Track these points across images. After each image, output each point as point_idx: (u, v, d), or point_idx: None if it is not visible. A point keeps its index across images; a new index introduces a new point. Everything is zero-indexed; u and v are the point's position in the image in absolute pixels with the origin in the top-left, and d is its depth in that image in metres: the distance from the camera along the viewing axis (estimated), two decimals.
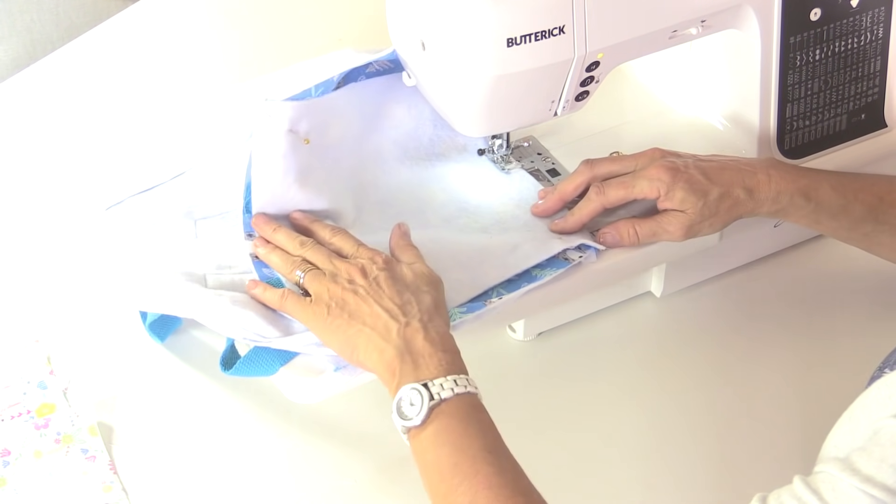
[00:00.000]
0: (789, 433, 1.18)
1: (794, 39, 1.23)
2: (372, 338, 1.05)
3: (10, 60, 1.65)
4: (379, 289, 1.07)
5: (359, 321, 1.06)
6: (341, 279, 1.09)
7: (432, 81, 1.18)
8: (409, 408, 1.01)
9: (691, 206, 1.15)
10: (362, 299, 1.07)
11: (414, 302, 1.07)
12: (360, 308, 1.07)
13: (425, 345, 1.03)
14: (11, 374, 1.18)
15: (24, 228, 1.32)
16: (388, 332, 1.05)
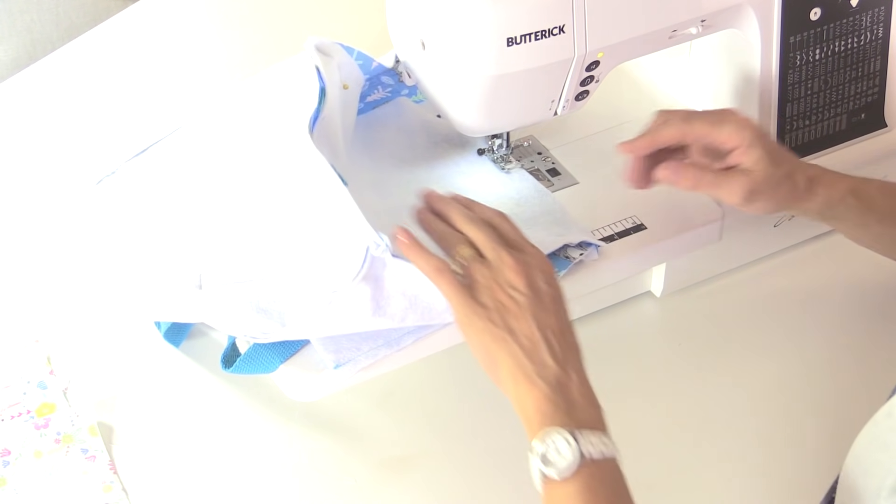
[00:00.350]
0: (789, 433, 1.18)
1: (794, 39, 1.23)
2: (523, 365, 1.00)
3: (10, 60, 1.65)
4: (543, 308, 1.02)
5: (514, 339, 1.01)
6: (502, 279, 1.03)
7: (432, 81, 1.18)
8: (555, 455, 0.94)
9: (762, 169, 1.11)
10: (522, 314, 1.01)
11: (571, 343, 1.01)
12: (520, 324, 1.01)
13: (579, 396, 0.98)
14: (11, 374, 1.18)
15: (24, 228, 1.32)
16: (543, 366, 0.99)
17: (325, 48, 1.17)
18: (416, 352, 1.13)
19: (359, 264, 1.06)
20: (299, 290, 1.10)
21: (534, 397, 0.98)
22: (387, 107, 1.29)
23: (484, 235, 1.07)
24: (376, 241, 1.06)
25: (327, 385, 1.11)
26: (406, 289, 1.08)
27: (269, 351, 1.12)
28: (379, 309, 1.08)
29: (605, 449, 0.96)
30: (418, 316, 1.09)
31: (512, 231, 1.09)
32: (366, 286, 1.07)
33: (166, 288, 1.15)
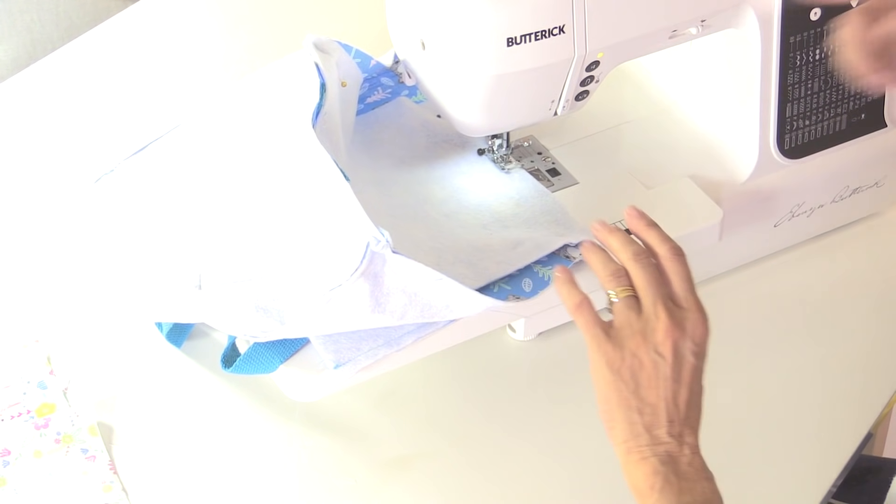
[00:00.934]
0: (790, 432, 1.18)
1: (794, 39, 1.23)
2: (638, 435, 0.97)
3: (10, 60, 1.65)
4: (678, 379, 0.98)
5: (637, 406, 0.98)
6: (650, 335, 0.98)
7: (432, 81, 1.18)
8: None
9: None
10: (655, 381, 0.98)
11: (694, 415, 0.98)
12: (648, 391, 0.98)
13: (691, 470, 0.97)
14: (11, 374, 1.18)
15: (24, 228, 1.32)
16: (657, 441, 0.97)
17: (324, 46, 1.17)
18: (416, 352, 1.13)
19: (358, 260, 1.06)
20: (298, 287, 1.10)
21: (643, 472, 0.97)
22: (387, 107, 1.29)
23: (646, 280, 1.01)
24: (376, 237, 1.06)
25: (327, 385, 1.11)
26: (406, 286, 1.08)
27: (269, 351, 1.12)
28: (378, 306, 1.08)
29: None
30: (418, 313, 1.09)
31: (682, 280, 1.02)
32: (365, 282, 1.07)
33: (166, 288, 1.15)
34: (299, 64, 1.17)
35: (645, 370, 0.98)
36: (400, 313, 1.09)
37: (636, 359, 0.99)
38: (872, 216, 1.36)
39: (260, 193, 1.17)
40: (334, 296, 1.07)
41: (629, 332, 0.99)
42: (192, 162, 1.22)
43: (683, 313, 1.00)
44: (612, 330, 1.00)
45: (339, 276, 1.07)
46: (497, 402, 1.19)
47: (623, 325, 1.00)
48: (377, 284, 1.08)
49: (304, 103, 1.14)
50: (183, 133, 1.24)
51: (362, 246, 1.07)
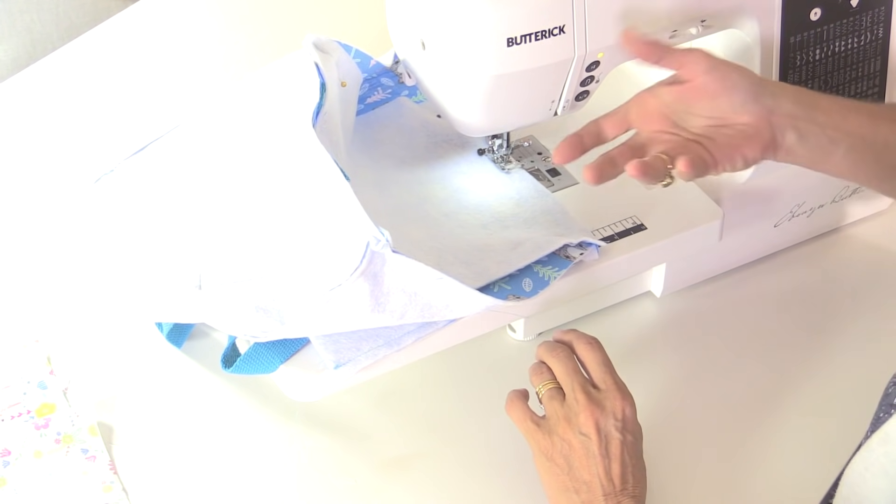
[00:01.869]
0: (790, 433, 1.18)
1: (794, 39, 1.23)
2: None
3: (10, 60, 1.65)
4: (607, 455, 1.04)
5: (573, 480, 1.04)
6: (573, 419, 1.05)
7: (432, 81, 1.18)
8: None
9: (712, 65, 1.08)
10: (585, 459, 1.04)
11: (631, 483, 1.04)
12: (581, 471, 1.04)
13: None
14: (11, 374, 1.18)
15: (24, 228, 1.32)
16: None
17: (323, 45, 1.17)
18: (416, 352, 1.13)
19: (358, 259, 1.06)
20: (298, 287, 1.10)
21: None
22: (387, 107, 1.29)
23: (564, 370, 1.08)
24: (377, 237, 1.06)
25: (327, 385, 1.11)
26: (405, 285, 1.08)
27: (269, 351, 1.12)
28: (378, 305, 1.08)
29: None
30: (418, 313, 1.09)
31: (598, 364, 1.09)
32: (364, 282, 1.07)
33: (166, 288, 1.15)
34: (299, 64, 1.17)
35: (575, 451, 1.04)
36: (400, 313, 1.09)
37: (565, 443, 1.05)
38: (872, 216, 1.36)
39: (260, 193, 1.17)
40: (334, 296, 1.07)
41: (555, 420, 1.06)
42: (192, 162, 1.22)
43: (602, 394, 1.07)
44: (543, 420, 1.07)
45: (339, 275, 1.07)
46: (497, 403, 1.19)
47: (550, 414, 1.07)
48: (377, 284, 1.08)
49: (304, 103, 1.14)
50: (183, 133, 1.24)
51: (362, 245, 1.07)
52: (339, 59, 1.18)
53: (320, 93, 1.14)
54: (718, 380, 1.22)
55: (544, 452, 1.06)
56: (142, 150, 1.25)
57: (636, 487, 1.04)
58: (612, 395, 1.07)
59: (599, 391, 1.07)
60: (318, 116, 1.13)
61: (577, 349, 1.11)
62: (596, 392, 1.07)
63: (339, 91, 1.18)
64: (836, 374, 1.23)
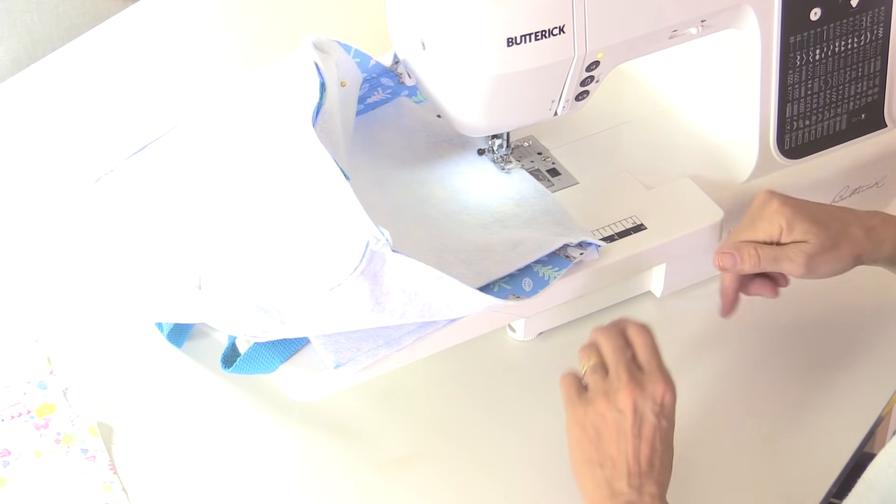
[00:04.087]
0: (790, 432, 1.18)
1: (794, 39, 1.23)
2: (600, 488, 1.03)
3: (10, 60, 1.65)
4: (639, 435, 1.03)
5: (599, 454, 1.04)
6: (612, 394, 1.05)
7: (432, 81, 1.18)
8: None
9: (813, 235, 1.12)
10: (616, 436, 1.04)
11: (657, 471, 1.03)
12: (609, 446, 1.04)
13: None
14: (11, 374, 1.18)
15: (24, 228, 1.32)
16: (618, 492, 1.02)
17: (323, 45, 1.17)
18: (416, 352, 1.13)
19: (358, 258, 1.06)
20: (298, 287, 1.10)
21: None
22: (387, 107, 1.29)
23: (611, 347, 1.08)
24: (376, 236, 1.06)
25: (327, 385, 1.11)
26: (405, 285, 1.08)
27: (269, 351, 1.12)
28: (378, 305, 1.08)
29: None
30: (417, 312, 1.09)
31: (646, 347, 1.09)
32: (364, 281, 1.07)
33: (166, 289, 1.15)
34: (299, 64, 1.17)
35: (607, 426, 1.04)
36: (400, 312, 1.09)
37: (600, 416, 1.05)
38: None
39: (259, 193, 1.17)
40: (334, 295, 1.07)
41: (595, 393, 1.06)
42: (192, 162, 1.22)
43: (645, 376, 1.06)
44: (584, 393, 1.07)
45: (339, 275, 1.07)
46: (497, 402, 1.19)
47: (591, 387, 1.07)
48: (377, 283, 1.08)
49: (303, 103, 1.14)
50: (183, 133, 1.24)
51: (362, 245, 1.07)
52: (339, 58, 1.18)
53: (320, 92, 1.14)
54: (718, 380, 1.22)
55: (578, 422, 1.05)
56: (142, 149, 1.25)
57: (661, 474, 1.04)
58: (655, 379, 1.06)
59: (643, 373, 1.06)
60: (318, 116, 1.13)
61: (628, 331, 1.10)
62: (639, 373, 1.06)
63: (339, 91, 1.18)
64: (837, 373, 1.23)
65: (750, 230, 1.15)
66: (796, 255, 1.13)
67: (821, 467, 1.15)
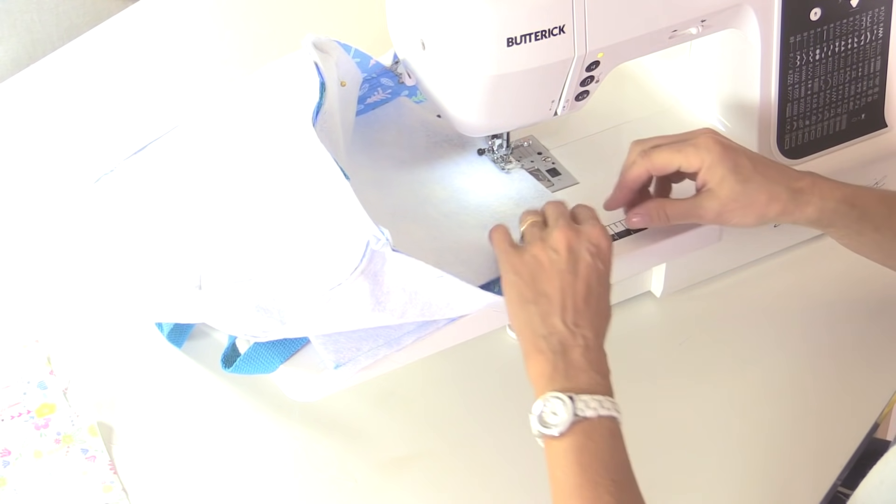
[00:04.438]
0: (790, 433, 1.18)
1: (794, 39, 1.23)
2: (535, 327, 1.04)
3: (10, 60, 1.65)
4: (574, 272, 1.05)
5: (533, 292, 1.05)
6: (548, 239, 1.07)
7: (432, 81, 1.18)
8: (551, 416, 1.00)
9: (728, 189, 1.11)
10: (550, 274, 1.05)
11: (593, 311, 1.04)
12: (543, 284, 1.05)
13: (582, 360, 1.02)
14: (11, 374, 1.18)
15: (24, 228, 1.32)
16: (552, 330, 1.03)
17: (323, 45, 1.17)
18: (416, 352, 1.13)
19: (358, 258, 1.06)
20: (298, 287, 1.10)
21: (538, 361, 1.03)
22: (387, 107, 1.29)
23: (553, 208, 1.11)
24: (376, 235, 1.06)
25: (327, 385, 1.11)
26: (406, 284, 1.08)
27: (269, 351, 1.12)
28: (378, 304, 1.08)
29: (601, 410, 0.99)
30: (418, 312, 1.09)
31: (586, 210, 1.11)
32: (365, 281, 1.07)
33: (166, 289, 1.15)
34: (298, 63, 1.17)
35: (542, 266, 1.05)
36: (400, 312, 1.09)
37: (534, 258, 1.06)
38: None
39: (260, 193, 1.17)
40: (334, 295, 1.07)
41: (531, 241, 1.08)
42: (192, 162, 1.22)
43: (582, 225, 1.09)
44: (520, 245, 1.09)
45: (339, 274, 1.07)
46: (496, 402, 1.19)
47: (527, 238, 1.09)
48: (377, 283, 1.08)
49: (303, 102, 1.14)
50: (183, 133, 1.24)
51: (362, 244, 1.07)
52: (339, 58, 1.18)
53: (320, 92, 1.14)
54: (718, 380, 1.22)
55: (512, 267, 1.07)
56: (142, 149, 1.25)
57: (598, 319, 1.05)
58: (591, 225, 1.08)
59: (580, 224, 1.09)
60: (318, 115, 1.13)
61: (573, 208, 1.12)
62: (576, 224, 1.09)
63: (339, 91, 1.18)
64: (838, 373, 1.23)
65: (676, 151, 1.13)
66: (706, 210, 1.13)
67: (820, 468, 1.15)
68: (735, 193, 1.12)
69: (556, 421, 0.99)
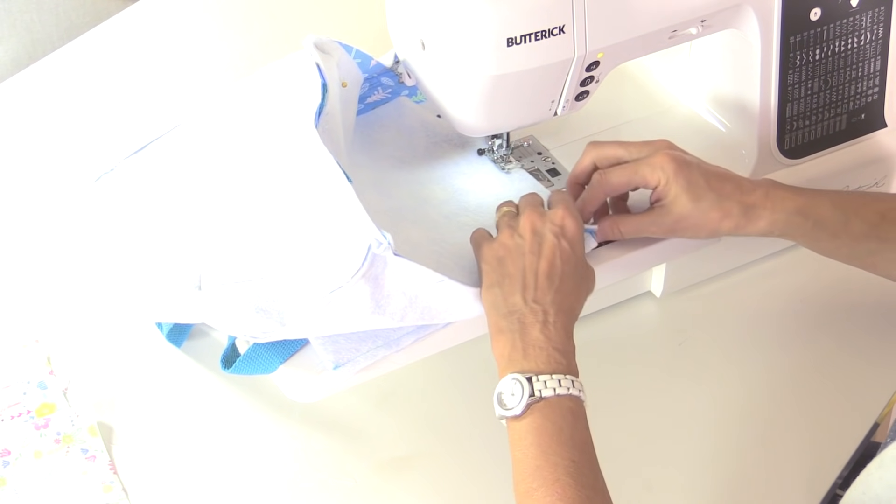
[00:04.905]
0: (790, 432, 1.18)
1: (794, 39, 1.23)
2: (497, 304, 1.06)
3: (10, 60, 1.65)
4: (537, 252, 1.07)
5: (499, 275, 1.07)
6: (516, 225, 1.10)
7: (432, 81, 1.18)
8: (509, 398, 1.01)
9: (681, 206, 1.13)
10: (516, 255, 1.07)
11: (555, 289, 1.06)
12: (509, 264, 1.07)
13: (540, 337, 1.03)
14: (11, 374, 1.18)
15: (24, 228, 1.32)
16: (512, 308, 1.05)
17: (324, 46, 1.17)
18: (415, 352, 1.13)
19: (359, 261, 1.06)
20: (299, 288, 1.10)
21: (499, 341, 1.05)
22: (387, 107, 1.29)
23: (525, 198, 1.14)
24: (378, 239, 1.06)
25: (327, 386, 1.11)
26: (406, 288, 1.08)
27: (269, 351, 1.12)
28: (378, 307, 1.08)
29: (559, 389, 1.00)
30: (417, 315, 1.09)
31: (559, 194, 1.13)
32: (365, 284, 1.07)
33: (166, 289, 1.15)
34: (300, 64, 1.17)
35: (508, 251, 1.08)
36: (400, 315, 1.09)
37: (502, 245, 1.09)
38: None
39: (261, 194, 1.17)
40: (335, 297, 1.07)
41: (501, 230, 1.11)
42: (193, 162, 1.22)
43: (549, 211, 1.11)
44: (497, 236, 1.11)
45: (340, 277, 1.07)
46: None
47: (499, 227, 1.12)
48: (378, 286, 1.08)
49: (305, 104, 1.14)
50: (183, 133, 1.24)
51: (364, 248, 1.06)
52: (340, 59, 1.18)
53: (322, 93, 1.14)
54: (718, 379, 1.22)
55: (483, 258, 1.10)
56: (142, 149, 1.25)
57: (566, 298, 1.06)
58: (556, 208, 1.10)
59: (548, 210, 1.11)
60: (321, 117, 1.13)
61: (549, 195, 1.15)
62: (545, 210, 1.11)
63: (341, 91, 1.18)
64: (838, 373, 1.23)
65: (632, 172, 1.14)
66: (658, 227, 1.15)
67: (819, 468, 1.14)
68: (687, 210, 1.13)
69: (513, 402, 1.00)
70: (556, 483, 0.97)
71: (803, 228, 1.14)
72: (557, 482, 0.97)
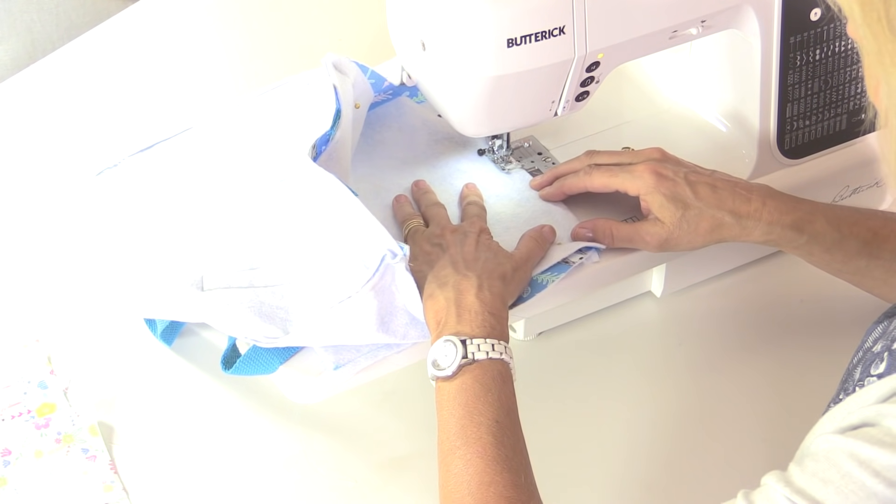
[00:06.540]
0: (789, 433, 1.18)
1: (794, 39, 1.23)
2: (429, 281, 1.08)
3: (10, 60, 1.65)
4: (461, 243, 1.12)
5: (430, 266, 1.10)
6: (430, 236, 1.14)
7: (432, 81, 1.18)
8: (443, 359, 1.02)
9: (670, 215, 1.14)
10: (442, 248, 1.12)
11: (483, 260, 1.09)
12: (436, 256, 1.11)
13: (475, 302, 1.05)
14: (12, 374, 1.18)
15: (24, 228, 1.32)
16: (445, 280, 1.07)
17: (342, 66, 1.18)
18: (415, 353, 1.13)
19: (371, 271, 1.07)
20: (306, 297, 1.10)
21: (430, 307, 1.07)
22: (387, 107, 1.29)
23: (438, 214, 1.19)
24: (394, 251, 1.06)
25: (327, 386, 1.11)
26: (410, 305, 1.09)
27: (269, 352, 1.12)
28: (382, 324, 1.08)
29: (492, 353, 1.02)
30: (419, 333, 1.10)
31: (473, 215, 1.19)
32: (374, 298, 1.07)
33: (167, 288, 1.15)
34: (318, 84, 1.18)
35: (431, 254, 1.13)
36: (402, 333, 1.10)
37: (425, 253, 1.13)
38: None
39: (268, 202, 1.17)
40: (342, 308, 1.07)
41: (421, 248, 1.15)
42: (202, 165, 1.22)
43: (460, 225, 1.17)
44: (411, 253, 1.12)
45: (350, 287, 1.07)
46: None
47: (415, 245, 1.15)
48: (384, 301, 1.08)
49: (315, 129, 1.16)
50: (194, 137, 1.25)
51: (377, 258, 1.06)
52: (356, 79, 1.19)
53: (334, 121, 1.15)
54: (718, 379, 1.22)
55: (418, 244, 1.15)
56: (148, 148, 1.25)
57: (492, 276, 1.08)
58: (471, 223, 1.16)
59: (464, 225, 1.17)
60: (329, 144, 1.14)
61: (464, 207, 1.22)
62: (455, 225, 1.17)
63: (353, 113, 1.19)
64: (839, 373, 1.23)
65: (612, 176, 1.17)
66: (650, 237, 1.15)
67: None
68: (677, 219, 1.14)
69: (446, 363, 1.02)
70: (479, 441, 0.98)
71: (797, 242, 1.15)
72: (479, 440, 0.98)
